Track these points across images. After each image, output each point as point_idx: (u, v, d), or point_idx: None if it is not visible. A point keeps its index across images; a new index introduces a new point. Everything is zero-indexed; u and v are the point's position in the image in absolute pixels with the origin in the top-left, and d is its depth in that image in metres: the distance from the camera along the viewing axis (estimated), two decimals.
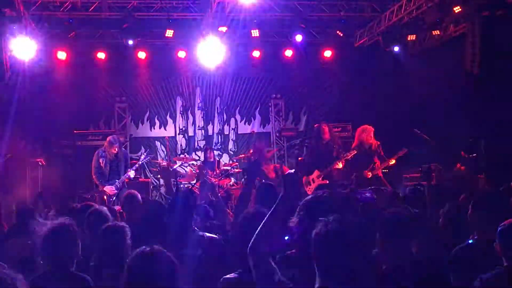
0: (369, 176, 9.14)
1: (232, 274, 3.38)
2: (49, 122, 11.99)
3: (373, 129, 9.41)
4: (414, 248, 3.36)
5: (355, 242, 2.32)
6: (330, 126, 9.87)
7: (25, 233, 4.95)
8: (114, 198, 9.14)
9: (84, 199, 9.58)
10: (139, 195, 6.16)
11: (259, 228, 2.89)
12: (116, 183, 9.26)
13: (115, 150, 9.29)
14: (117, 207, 7.45)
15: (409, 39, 11.94)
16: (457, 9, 10.46)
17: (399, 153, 9.37)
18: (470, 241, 3.94)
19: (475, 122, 10.67)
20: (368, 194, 5.50)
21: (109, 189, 9.22)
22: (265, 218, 2.92)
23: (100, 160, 9.34)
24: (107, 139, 9.52)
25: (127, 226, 4.02)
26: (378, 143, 9.43)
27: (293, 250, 3.16)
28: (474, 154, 10.43)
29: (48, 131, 12.16)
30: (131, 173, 9.44)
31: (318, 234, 2.37)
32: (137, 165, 9.77)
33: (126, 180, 9.45)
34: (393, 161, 9.33)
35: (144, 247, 2.74)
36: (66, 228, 3.68)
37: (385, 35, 12.08)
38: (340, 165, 9.32)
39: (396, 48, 12.30)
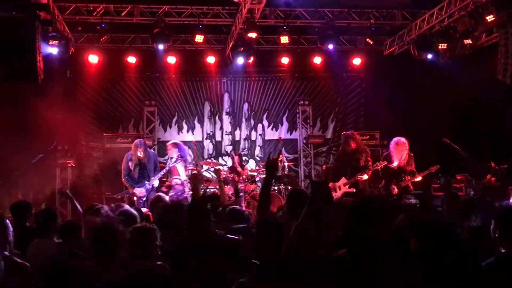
0: (395, 192, 9.04)
1: (245, 278, 3.41)
2: (80, 124, 12.22)
3: (407, 143, 9.27)
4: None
5: None
6: (357, 135, 9.82)
7: (49, 233, 5.04)
8: (144, 199, 9.29)
9: (112, 200, 9.72)
10: (166, 198, 6.25)
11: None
12: (146, 185, 9.41)
13: (140, 153, 9.43)
14: (145, 210, 7.58)
15: (440, 47, 11.85)
16: (489, 18, 10.35)
17: (430, 168, 9.18)
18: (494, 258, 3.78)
19: (506, 133, 10.54)
20: (412, 201, 5.77)
21: (138, 191, 9.36)
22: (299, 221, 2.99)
23: (129, 164, 9.49)
24: (134, 142, 9.68)
25: (156, 228, 4.10)
26: (411, 155, 9.30)
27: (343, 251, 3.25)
28: (505, 166, 10.30)
29: (79, 133, 12.39)
30: (155, 183, 9.55)
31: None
32: (165, 170, 9.89)
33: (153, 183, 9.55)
34: (419, 178, 9.20)
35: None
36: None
37: (415, 44, 12.02)
38: (366, 176, 9.26)
39: (430, 56, 12.18)
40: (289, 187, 11.55)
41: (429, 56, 12.24)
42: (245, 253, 3.96)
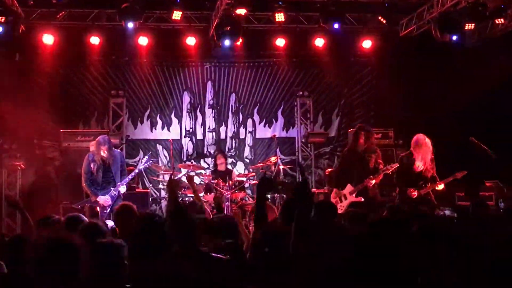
0: (415, 196, 9.09)
1: None
2: (31, 119, 12.15)
3: (431, 144, 9.31)
4: None
5: None
6: (370, 131, 9.84)
7: None
8: (108, 210, 9.26)
9: (71, 210, 9.69)
10: (135, 208, 6.24)
11: None
12: (111, 193, 9.39)
13: (103, 152, 9.40)
14: (110, 222, 7.55)
15: (466, 28, 11.89)
16: None
17: (456, 175, 9.23)
18: None
19: None
20: (447, 212, 6.33)
21: (103, 199, 9.33)
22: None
23: (91, 166, 9.46)
24: (96, 140, 9.65)
25: (124, 244, 4.09)
26: (432, 157, 9.34)
27: None
28: None
29: (30, 129, 12.33)
30: (122, 189, 9.53)
31: None
32: (135, 172, 9.87)
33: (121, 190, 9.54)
34: (441, 186, 9.25)
35: None
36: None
37: (437, 23, 12.05)
38: (374, 181, 9.29)
39: (454, 38, 12.20)
40: (285, 195, 11.57)
41: (454, 38, 12.25)
42: (232, 276, 3.99)
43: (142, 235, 4.57)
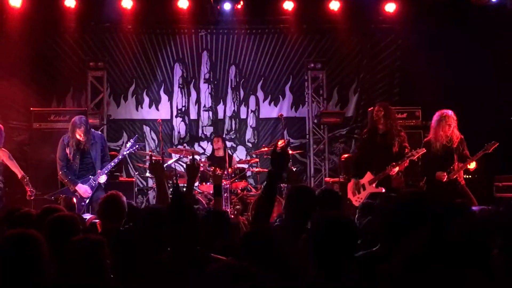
0: (445, 179, 9.09)
1: None
2: None
3: (454, 116, 9.31)
4: None
5: None
6: (391, 109, 9.84)
7: None
8: (87, 201, 9.30)
9: (43, 202, 9.72)
10: (124, 198, 6.25)
11: None
12: (91, 182, 9.42)
13: (79, 135, 9.41)
14: (89, 216, 7.58)
15: None
16: None
17: (486, 147, 9.11)
18: None
19: None
20: None
21: (83, 190, 9.38)
22: None
23: (67, 150, 9.50)
24: (72, 121, 9.66)
25: (104, 240, 4.11)
26: (461, 137, 9.35)
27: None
28: None
29: None
30: (102, 179, 9.56)
31: None
32: (118, 158, 9.89)
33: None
34: (473, 163, 9.24)
35: None
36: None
37: None
38: (397, 169, 9.29)
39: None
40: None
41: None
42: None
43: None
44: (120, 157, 10.01)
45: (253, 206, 11.15)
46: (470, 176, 9.64)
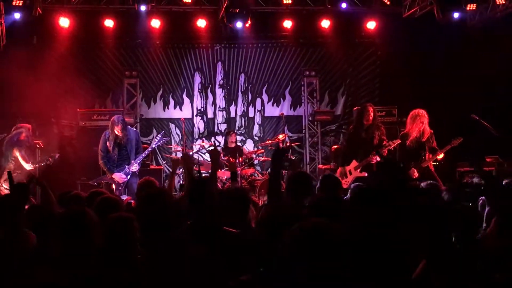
0: (416, 176, 9.03)
1: (245, 276, 3.47)
2: (49, 99, 12.16)
3: (426, 114, 9.25)
4: None
5: None
6: (374, 109, 9.80)
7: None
8: (123, 186, 9.32)
9: (88, 186, 9.74)
10: (156, 182, 6.26)
11: None
12: (126, 169, 9.44)
13: (118, 131, 9.43)
14: (125, 197, 7.61)
15: (468, 8, 11.77)
16: None
17: (452, 142, 9.10)
18: None
19: None
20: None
21: (118, 176, 9.39)
22: None
23: (107, 144, 9.51)
24: (111, 119, 9.68)
25: (135, 218, 4.12)
26: (431, 131, 9.29)
27: None
28: None
29: (48, 109, 12.34)
30: (134, 167, 9.55)
31: None
32: (148, 151, 9.90)
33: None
34: (441, 155, 9.19)
35: None
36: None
37: (439, 4, 11.92)
38: (378, 158, 9.26)
39: (456, 18, 12.07)
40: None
41: (455, 18, 12.13)
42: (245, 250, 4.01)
43: (154, 209, 4.60)
44: (150, 149, 10.02)
45: (262, 188, 11.21)
46: (437, 164, 9.58)
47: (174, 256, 3.79)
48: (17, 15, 11.00)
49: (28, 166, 9.78)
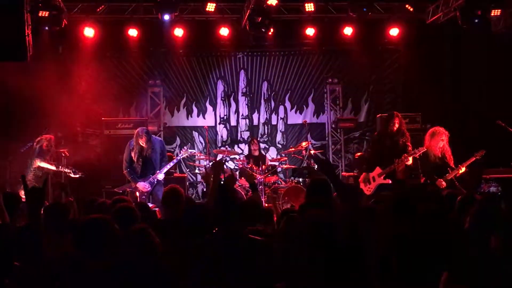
0: (444, 186, 8.92)
1: (280, 284, 3.48)
2: (74, 107, 12.29)
3: (446, 133, 9.17)
4: None
5: None
6: (401, 117, 9.69)
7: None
8: (147, 194, 9.37)
9: (113, 194, 9.80)
10: (182, 191, 6.28)
11: None
12: (150, 179, 9.49)
13: (142, 143, 9.49)
14: (150, 205, 7.64)
15: (492, 14, 11.66)
16: None
17: (475, 155, 8.99)
18: None
19: None
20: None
21: (142, 186, 9.45)
22: None
23: (132, 154, 9.56)
24: (136, 131, 9.73)
25: (149, 227, 4.17)
26: (449, 152, 9.18)
27: None
28: None
29: (73, 118, 12.47)
30: (160, 176, 9.61)
31: None
32: (173, 162, 9.99)
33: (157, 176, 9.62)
34: (463, 169, 9.07)
35: None
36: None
37: (462, 10, 11.83)
38: (408, 162, 9.18)
39: (479, 24, 11.93)
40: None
41: (479, 25, 12.01)
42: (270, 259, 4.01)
43: (185, 217, 4.64)
44: (175, 161, 10.12)
45: (287, 194, 11.21)
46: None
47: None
48: (44, 22, 11.12)
49: (52, 167, 10.00)
